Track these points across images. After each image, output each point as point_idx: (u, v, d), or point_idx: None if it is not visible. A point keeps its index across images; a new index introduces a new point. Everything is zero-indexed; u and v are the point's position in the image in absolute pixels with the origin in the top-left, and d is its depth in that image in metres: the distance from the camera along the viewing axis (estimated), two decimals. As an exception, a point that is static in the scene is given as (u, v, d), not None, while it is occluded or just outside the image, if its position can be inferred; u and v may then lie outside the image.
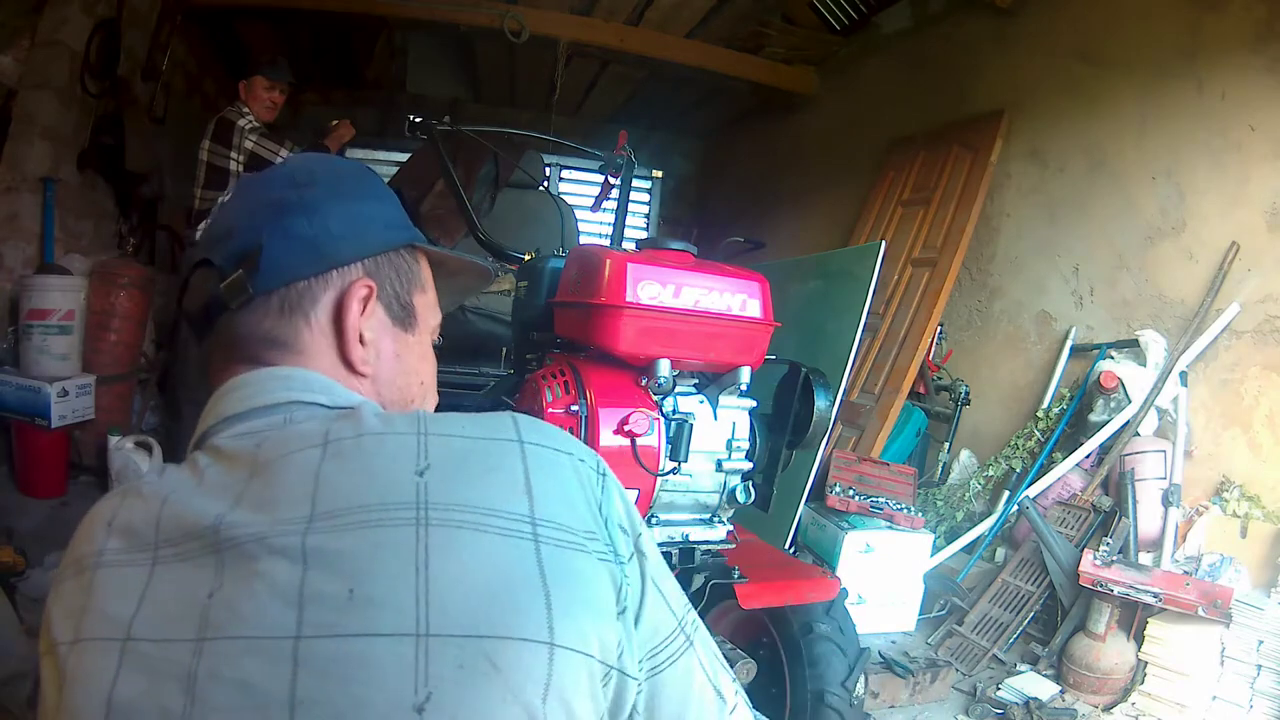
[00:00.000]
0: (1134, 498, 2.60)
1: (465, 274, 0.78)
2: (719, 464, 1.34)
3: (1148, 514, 2.59)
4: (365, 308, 0.63)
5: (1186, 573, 2.36)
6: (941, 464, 3.39)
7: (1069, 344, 3.15)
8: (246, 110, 3.31)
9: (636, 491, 1.26)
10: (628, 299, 1.20)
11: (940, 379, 3.52)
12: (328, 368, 0.62)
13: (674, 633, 0.55)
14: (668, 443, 1.26)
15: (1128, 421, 2.75)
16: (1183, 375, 2.69)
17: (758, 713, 0.65)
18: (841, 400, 3.20)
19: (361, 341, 0.63)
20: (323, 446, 0.51)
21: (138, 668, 0.46)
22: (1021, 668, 2.50)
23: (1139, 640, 2.33)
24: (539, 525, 0.49)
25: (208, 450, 0.56)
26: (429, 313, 0.70)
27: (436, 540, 0.46)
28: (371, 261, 0.65)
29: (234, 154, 3.25)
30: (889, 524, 2.85)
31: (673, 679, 0.55)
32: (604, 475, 0.55)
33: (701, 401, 1.34)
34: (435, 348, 0.72)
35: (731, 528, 1.41)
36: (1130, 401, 2.77)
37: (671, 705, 0.55)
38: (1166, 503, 2.58)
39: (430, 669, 0.44)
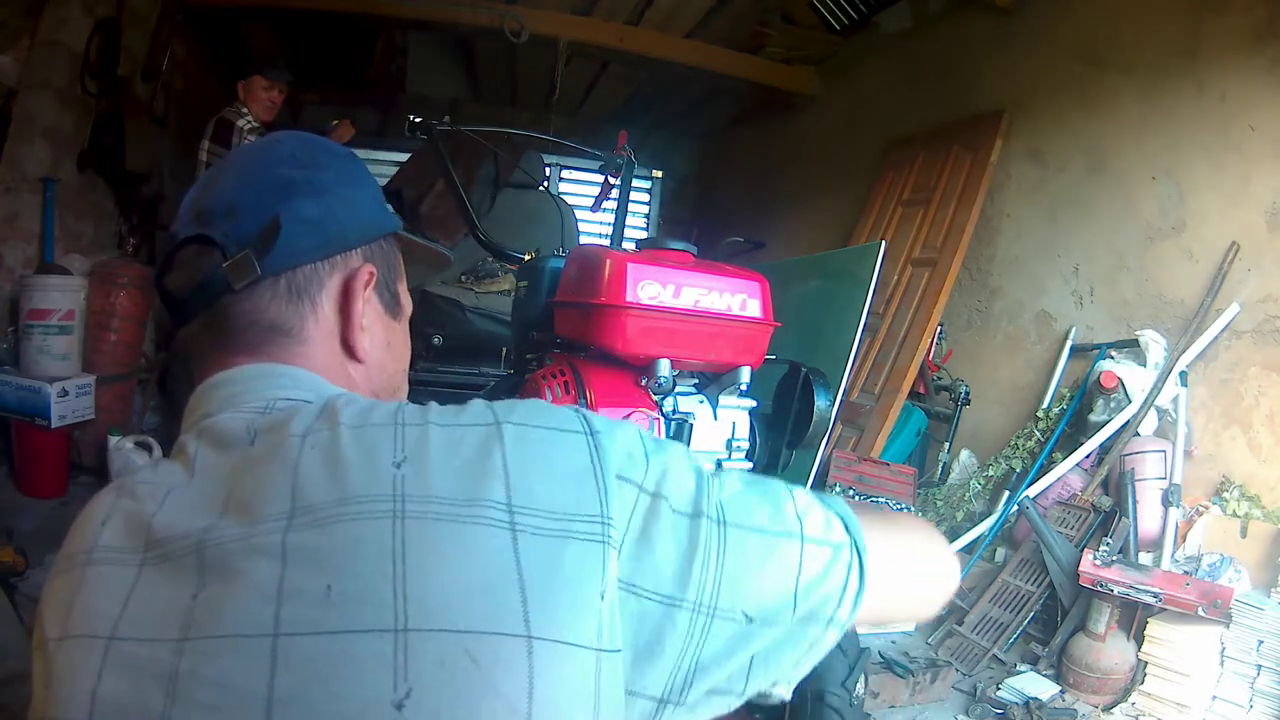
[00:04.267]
0: (1134, 498, 2.60)
1: (423, 261, 0.77)
2: (719, 464, 1.34)
3: (1148, 514, 2.59)
4: (367, 293, 0.62)
5: (1186, 573, 2.36)
6: (941, 464, 3.39)
7: (1069, 344, 3.15)
8: (245, 110, 3.31)
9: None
10: (628, 299, 1.20)
11: (940, 379, 3.52)
12: (326, 355, 0.61)
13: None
14: (668, 442, 1.26)
15: (1128, 421, 2.75)
16: (1183, 375, 2.69)
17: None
18: (841, 400, 3.20)
19: (360, 328, 0.62)
20: (302, 438, 0.50)
21: (121, 666, 0.46)
22: (1021, 668, 2.50)
23: (1139, 640, 2.33)
24: (516, 513, 0.47)
25: (195, 434, 0.55)
26: (407, 301, 0.70)
27: (413, 533, 0.45)
28: (368, 248, 0.64)
29: (233, 154, 3.25)
30: (889, 524, 2.85)
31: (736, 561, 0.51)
32: (594, 434, 0.52)
33: (701, 401, 1.34)
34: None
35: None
36: (1130, 401, 2.77)
37: (746, 584, 0.52)
38: (1166, 503, 2.57)
39: (410, 665, 0.43)
